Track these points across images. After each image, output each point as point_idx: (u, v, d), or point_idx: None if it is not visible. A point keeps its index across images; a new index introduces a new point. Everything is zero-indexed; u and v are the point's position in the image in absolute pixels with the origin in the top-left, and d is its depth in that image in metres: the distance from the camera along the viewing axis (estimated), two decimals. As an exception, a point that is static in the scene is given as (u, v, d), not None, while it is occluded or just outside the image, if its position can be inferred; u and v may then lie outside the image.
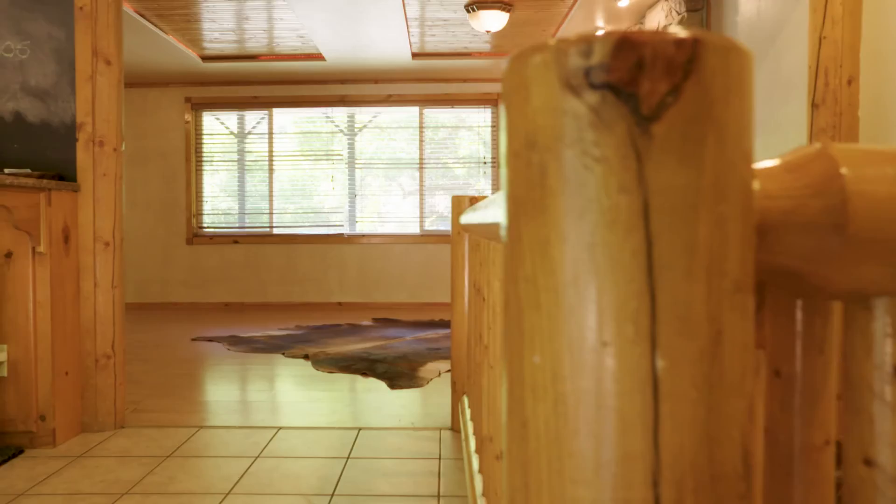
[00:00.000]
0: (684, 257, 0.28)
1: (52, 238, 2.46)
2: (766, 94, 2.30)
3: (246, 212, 6.67)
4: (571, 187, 0.29)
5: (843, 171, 0.30)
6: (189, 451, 2.39)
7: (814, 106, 1.56)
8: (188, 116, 6.60)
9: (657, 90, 0.28)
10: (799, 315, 0.41)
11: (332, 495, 2.01)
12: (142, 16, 4.54)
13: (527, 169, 0.31)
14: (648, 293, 0.28)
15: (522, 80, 0.32)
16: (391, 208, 6.65)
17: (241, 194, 6.68)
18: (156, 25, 4.77)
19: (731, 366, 0.29)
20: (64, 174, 2.63)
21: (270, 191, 6.65)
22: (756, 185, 0.32)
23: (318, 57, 5.67)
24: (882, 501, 0.30)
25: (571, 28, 4.59)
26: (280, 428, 2.66)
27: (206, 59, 5.74)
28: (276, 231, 6.64)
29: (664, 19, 3.07)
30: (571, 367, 0.29)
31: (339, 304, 6.53)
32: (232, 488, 2.05)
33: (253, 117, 6.64)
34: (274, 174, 6.65)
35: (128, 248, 6.59)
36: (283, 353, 4.21)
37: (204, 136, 6.68)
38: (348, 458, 2.33)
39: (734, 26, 2.49)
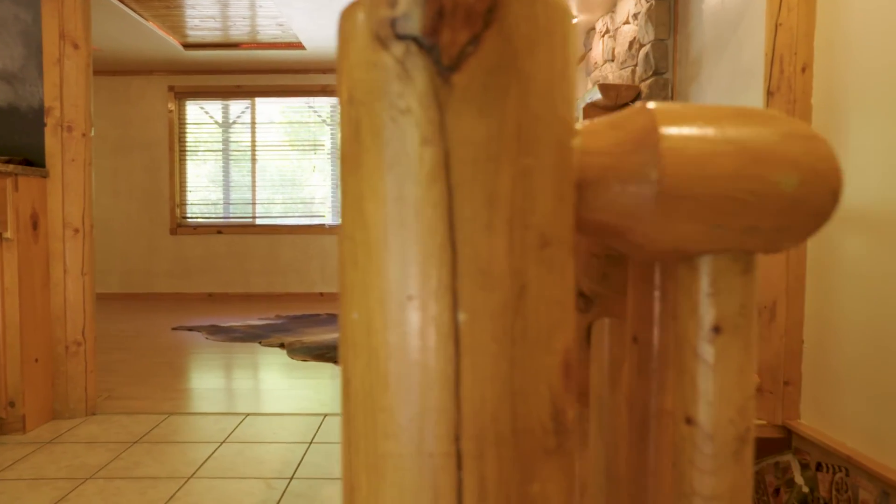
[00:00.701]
0: (485, 210, 0.27)
1: (19, 224, 2.43)
2: (727, 82, 2.30)
3: (230, 202, 6.64)
4: (381, 141, 0.29)
5: (661, 127, 0.30)
6: (157, 437, 2.38)
7: (769, 93, 1.57)
8: (171, 105, 6.55)
9: (457, 40, 0.27)
10: (656, 281, 0.41)
11: (292, 478, 2.01)
12: (120, 1, 4.49)
13: (347, 125, 0.31)
14: (450, 246, 0.28)
15: (345, 35, 0.31)
16: (375, 199, 6.63)
17: (226, 185, 6.64)
18: (135, 11, 4.72)
19: (536, 321, 0.28)
20: (32, 159, 2.60)
21: (253, 181, 6.61)
22: (577, 141, 0.32)
23: (299, 46, 5.63)
24: (700, 458, 0.30)
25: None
26: (248, 414, 2.65)
27: (188, 46, 5.69)
28: (259, 222, 6.61)
29: (634, 7, 3.07)
30: (382, 321, 0.29)
31: (321, 294, 6.52)
32: (195, 472, 2.05)
33: (237, 107, 6.59)
34: (257, 164, 6.62)
35: (111, 238, 6.55)
36: (260, 342, 4.20)
37: (188, 126, 6.64)
38: (311, 443, 2.33)
39: (700, 14, 2.49)
